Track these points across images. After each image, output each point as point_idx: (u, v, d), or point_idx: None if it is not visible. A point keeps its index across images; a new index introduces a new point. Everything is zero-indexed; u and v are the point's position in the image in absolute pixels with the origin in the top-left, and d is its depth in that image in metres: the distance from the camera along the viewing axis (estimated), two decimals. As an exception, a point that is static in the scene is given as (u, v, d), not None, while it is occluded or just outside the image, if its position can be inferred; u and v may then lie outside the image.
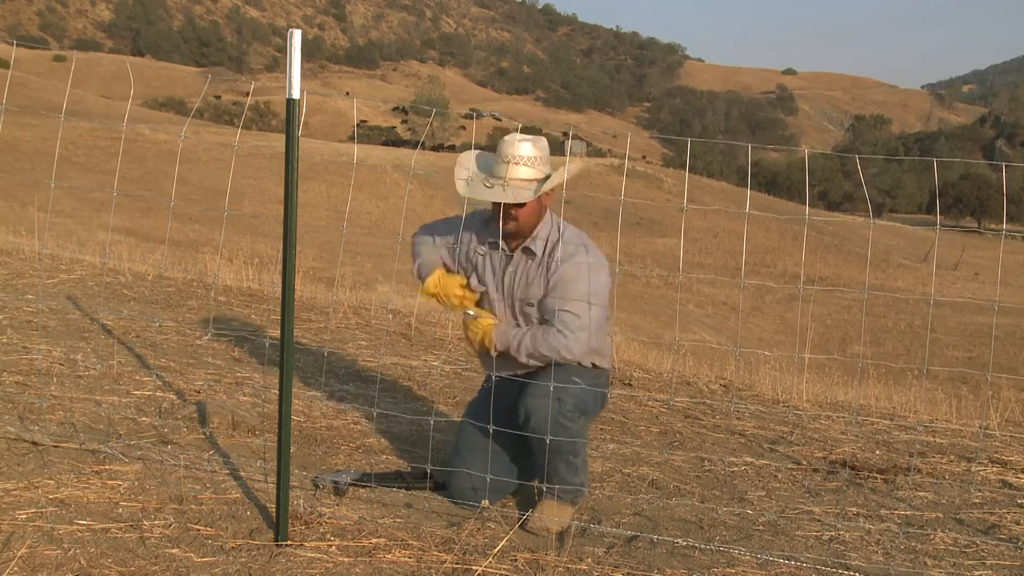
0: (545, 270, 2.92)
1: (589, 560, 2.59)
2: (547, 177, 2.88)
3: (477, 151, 3.03)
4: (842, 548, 2.85)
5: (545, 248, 2.94)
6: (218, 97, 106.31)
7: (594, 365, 3.00)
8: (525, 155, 2.85)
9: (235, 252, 9.87)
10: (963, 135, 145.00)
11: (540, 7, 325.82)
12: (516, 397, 3.00)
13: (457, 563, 2.48)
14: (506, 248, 2.98)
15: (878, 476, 3.58)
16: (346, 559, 2.45)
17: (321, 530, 2.60)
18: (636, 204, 45.41)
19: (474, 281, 3.04)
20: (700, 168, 78.27)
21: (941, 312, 29.11)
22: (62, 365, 3.95)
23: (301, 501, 2.75)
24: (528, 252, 2.95)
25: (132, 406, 3.54)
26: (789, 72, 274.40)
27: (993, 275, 35.68)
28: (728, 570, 2.61)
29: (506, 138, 2.89)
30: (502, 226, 2.89)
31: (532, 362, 2.91)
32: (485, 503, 2.91)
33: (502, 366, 2.99)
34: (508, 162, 2.85)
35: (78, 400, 3.50)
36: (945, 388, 6.04)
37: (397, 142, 77.64)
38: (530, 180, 2.86)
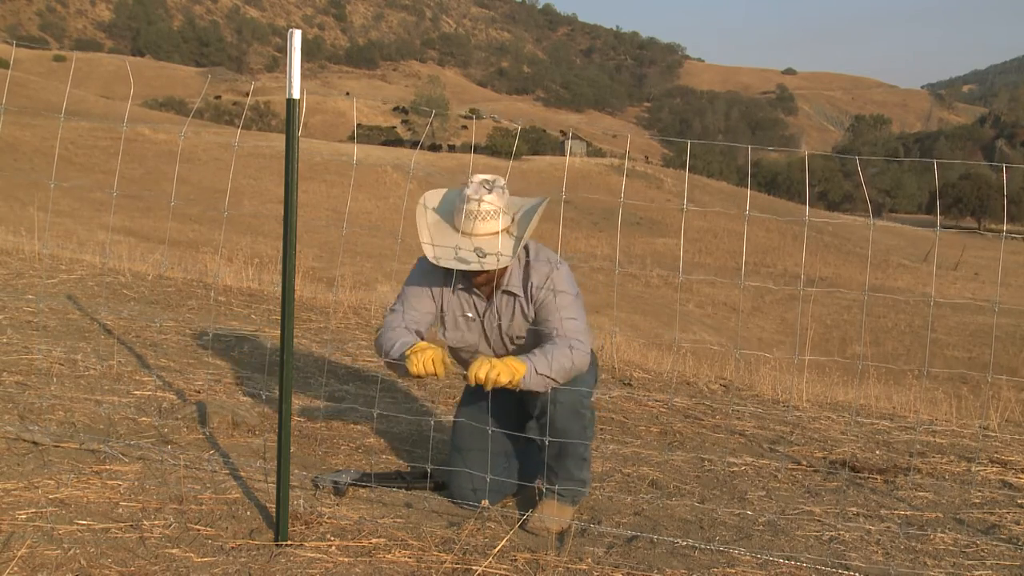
0: (528, 298, 2.88)
1: (589, 560, 2.59)
2: (519, 230, 2.82)
3: (431, 200, 2.90)
4: (842, 548, 2.85)
5: (519, 277, 2.88)
6: (218, 97, 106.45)
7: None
8: (490, 209, 2.77)
9: (235, 252, 9.87)
10: (963, 135, 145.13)
11: (540, 7, 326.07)
12: (513, 395, 3.00)
13: (457, 563, 2.48)
14: (480, 293, 2.92)
15: (878, 476, 3.58)
16: (346, 559, 2.45)
17: (321, 530, 2.60)
18: (636, 204, 45.45)
19: (449, 335, 2.97)
20: (700, 168, 78.33)
21: (941, 312, 29.13)
22: (62, 365, 3.95)
23: (301, 501, 2.75)
24: (510, 294, 2.89)
25: (132, 406, 3.54)
26: (789, 72, 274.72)
27: (993, 275, 35.70)
28: (728, 570, 2.61)
29: (467, 192, 2.78)
30: (477, 280, 2.85)
31: (562, 381, 2.79)
32: (485, 503, 2.91)
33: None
34: (475, 218, 2.77)
35: (78, 400, 3.50)
36: (945, 388, 6.04)
37: (397, 142, 77.69)
38: (496, 233, 2.78)
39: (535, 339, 2.89)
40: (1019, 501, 3.39)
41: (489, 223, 2.77)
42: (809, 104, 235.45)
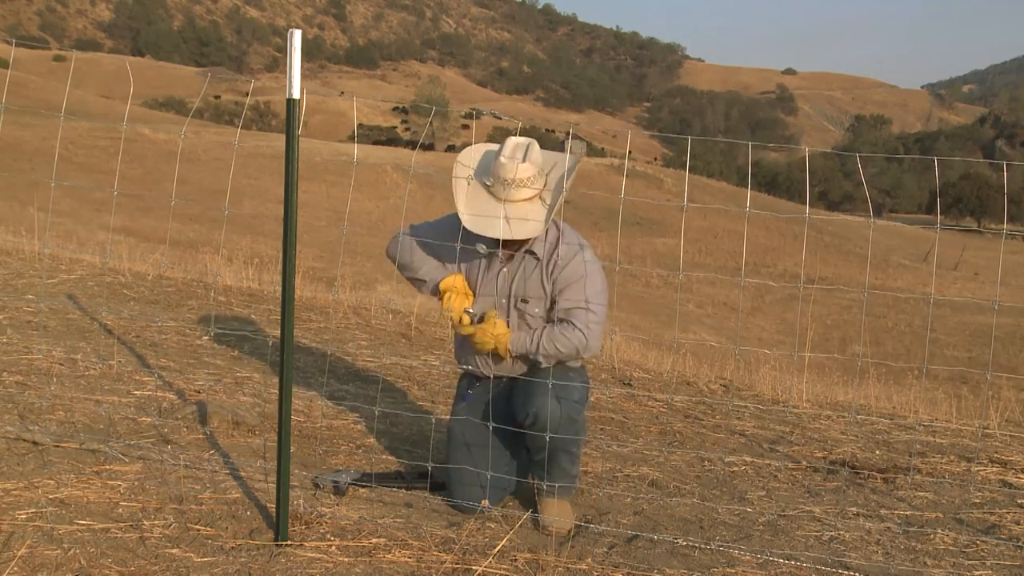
0: (548, 268, 2.91)
1: (589, 560, 2.59)
2: (552, 198, 2.86)
3: (467, 161, 2.94)
4: (842, 548, 2.85)
5: (547, 248, 2.93)
6: (218, 97, 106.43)
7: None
8: (526, 176, 2.81)
9: (235, 252, 9.87)
10: (963, 135, 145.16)
11: (540, 7, 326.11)
12: (508, 397, 3.00)
13: (457, 563, 2.48)
14: (503, 252, 2.96)
15: (878, 476, 3.58)
16: (346, 559, 2.45)
17: (321, 530, 2.60)
18: (636, 204, 45.43)
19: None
20: (700, 168, 78.25)
21: (941, 312, 29.12)
22: (62, 365, 3.95)
23: (301, 501, 2.75)
24: (532, 254, 2.94)
25: (132, 406, 3.54)
26: (789, 72, 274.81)
27: (993, 275, 35.69)
28: (728, 570, 2.61)
29: (503, 159, 2.81)
30: (506, 244, 2.90)
31: (547, 363, 2.89)
32: (485, 503, 2.91)
33: (498, 368, 2.99)
34: (510, 186, 2.81)
35: (78, 400, 3.50)
36: (945, 388, 6.04)
37: (397, 141, 77.68)
38: (529, 199, 2.83)
39: (538, 314, 2.93)
40: (1019, 501, 3.39)
41: (523, 190, 2.82)
42: (809, 104, 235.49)
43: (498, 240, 2.90)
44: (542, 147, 2.93)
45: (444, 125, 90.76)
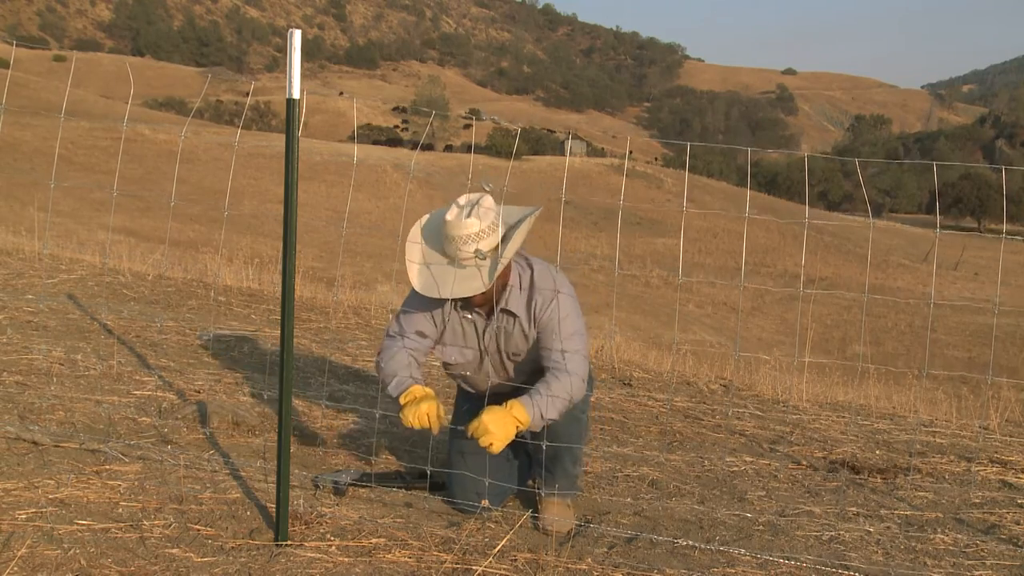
0: (527, 324, 2.86)
1: (589, 560, 2.59)
2: (501, 245, 2.74)
3: (420, 226, 2.85)
4: (842, 548, 2.85)
5: (523, 301, 2.85)
6: (220, 101, 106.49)
7: None
8: (471, 233, 2.69)
9: (235, 252, 9.87)
10: (963, 135, 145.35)
11: (540, 7, 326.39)
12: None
13: (457, 563, 2.48)
14: (481, 312, 2.88)
15: (878, 476, 3.58)
16: (346, 559, 2.45)
17: (321, 530, 2.60)
18: (636, 204, 45.42)
19: (448, 352, 2.95)
20: (700, 168, 78.26)
21: (941, 312, 29.13)
22: (62, 365, 3.95)
23: (301, 501, 2.75)
24: (510, 314, 2.86)
25: (132, 406, 3.54)
26: (789, 72, 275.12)
27: (993, 275, 35.72)
28: (728, 570, 2.61)
29: (448, 216, 2.70)
30: (473, 301, 2.81)
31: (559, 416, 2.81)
32: (485, 503, 2.91)
33: (498, 389, 2.97)
34: (456, 243, 2.70)
35: (78, 400, 3.50)
36: (945, 388, 6.04)
37: (397, 141, 77.70)
38: (485, 257, 2.71)
39: (533, 358, 2.88)
40: (1019, 501, 3.39)
41: (469, 246, 2.70)
42: (809, 104, 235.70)
43: (468, 308, 2.84)
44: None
45: (444, 125, 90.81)
